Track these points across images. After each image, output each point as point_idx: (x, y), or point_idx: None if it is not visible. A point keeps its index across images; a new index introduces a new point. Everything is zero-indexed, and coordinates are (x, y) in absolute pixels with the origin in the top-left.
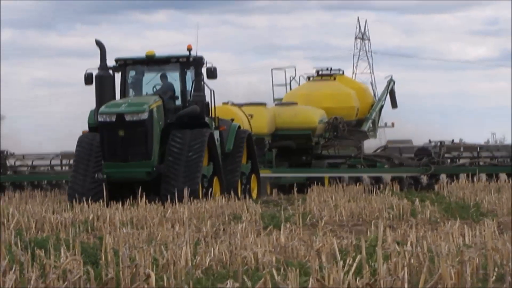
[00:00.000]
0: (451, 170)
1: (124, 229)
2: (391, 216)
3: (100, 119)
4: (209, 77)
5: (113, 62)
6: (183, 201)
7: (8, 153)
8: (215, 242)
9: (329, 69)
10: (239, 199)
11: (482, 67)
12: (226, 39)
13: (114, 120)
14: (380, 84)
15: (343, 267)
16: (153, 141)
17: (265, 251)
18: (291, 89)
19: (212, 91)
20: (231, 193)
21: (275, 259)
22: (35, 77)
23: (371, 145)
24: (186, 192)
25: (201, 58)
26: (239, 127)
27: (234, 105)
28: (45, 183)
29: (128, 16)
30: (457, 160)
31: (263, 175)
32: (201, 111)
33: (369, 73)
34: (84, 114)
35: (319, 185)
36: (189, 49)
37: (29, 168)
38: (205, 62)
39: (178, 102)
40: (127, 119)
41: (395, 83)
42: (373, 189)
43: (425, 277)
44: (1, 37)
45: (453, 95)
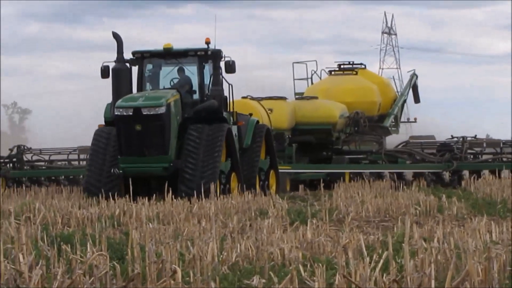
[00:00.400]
0: (473, 166)
1: (150, 224)
2: (418, 212)
3: (116, 113)
4: (228, 71)
5: (130, 55)
6: (208, 196)
7: (25, 147)
8: (242, 237)
9: (351, 63)
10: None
11: (509, 61)
12: (252, 33)
13: (131, 114)
14: (406, 79)
15: (370, 263)
16: (170, 136)
17: (292, 247)
18: (312, 83)
19: (230, 85)
20: (250, 189)
21: (302, 255)
22: (62, 70)
23: (394, 141)
24: (202, 188)
25: (219, 51)
26: (257, 122)
27: (253, 99)
28: (63, 178)
29: (155, 10)
30: (480, 156)
31: (283, 171)
32: (219, 105)
33: (396, 68)
34: (101, 108)
35: (339, 182)
36: (208, 43)
37: (47, 163)
38: (223, 55)
39: (195, 96)
40: (144, 113)
41: (417, 77)
42: (399, 185)
43: (452, 273)
44: (29, 30)
45: (480, 89)
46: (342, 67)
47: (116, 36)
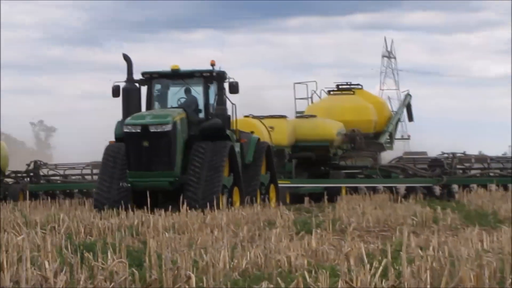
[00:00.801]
0: (462, 180)
1: (166, 234)
2: (415, 222)
3: (125, 130)
4: (231, 92)
5: (140, 75)
6: (213, 208)
7: (41, 163)
8: (251, 246)
9: (349, 83)
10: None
11: (503, 84)
12: (261, 57)
13: (139, 131)
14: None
15: (370, 270)
16: (176, 152)
17: (298, 255)
18: (312, 103)
19: (233, 105)
20: (252, 202)
21: (307, 262)
22: (83, 90)
23: (391, 156)
24: (206, 201)
25: (223, 73)
26: (258, 139)
27: (255, 117)
28: (77, 191)
29: (169, 35)
30: (469, 170)
31: (283, 185)
32: (222, 124)
33: (395, 89)
34: (112, 125)
35: (341, 195)
36: (213, 65)
37: (61, 177)
38: (227, 77)
39: (201, 115)
40: (151, 130)
41: (411, 97)
42: (396, 198)
43: (446, 280)
44: (52, 52)
45: (475, 110)
46: (340, 87)
47: (126, 57)
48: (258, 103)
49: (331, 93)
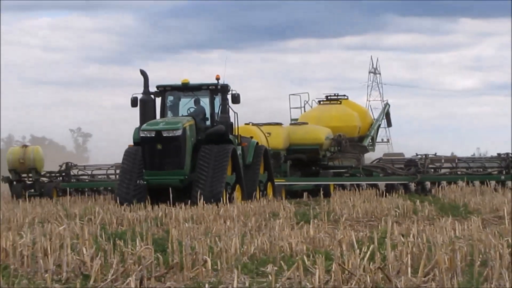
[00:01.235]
0: (434, 178)
1: (186, 224)
2: (397, 214)
3: (142, 135)
4: (234, 102)
5: (155, 88)
6: (218, 203)
7: (71, 164)
8: (258, 234)
9: (336, 94)
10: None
11: (469, 95)
12: (266, 73)
13: (153, 135)
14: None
15: (360, 254)
16: (186, 154)
17: (298, 242)
18: (305, 111)
19: (235, 114)
20: (252, 197)
21: (306, 248)
22: (114, 102)
23: (373, 157)
24: (211, 197)
25: (227, 86)
26: (257, 143)
27: (254, 125)
28: (102, 189)
29: (188, 55)
30: (439, 169)
31: (279, 183)
32: (226, 130)
33: (380, 100)
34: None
35: (335, 191)
36: (217, 79)
37: (89, 176)
38: (230, 89)
39: (208, 122)
40: (164, 135)
41: (390, 106)
42: (381, 193)
43: (424, 262)
44: (89, 70)
45: (446, 117)
46: (329, 97)
47: (143, 73)
48: (260, 112)
49: (321, 103)
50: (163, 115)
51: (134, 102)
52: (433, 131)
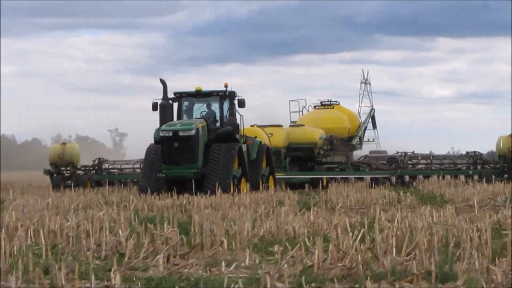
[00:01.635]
0: (411, 172)
1: (206, 210)
2: (384, 202)
3: (161, 135)
4: (240, 106)
5: (172, 95)
6: (227, 192)
7: (103, 159)
8: (267, 219)
9: (329, 100)
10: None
11: (445, 102)
12: (275, 82)
13: (171, 135)
14: (379, 113)
15: (352, 236)
16: (199, 151)
17: (300, 226)
18: (302, 115)
19: (241, 116)
20: (255, 188)
21: (307, 231)
22: (145, 107)
23: (361, 154)
24: (220, 187)
25: (233, 92)
26: (260, 142)
27: (258, 126)
28: (130, 181)
29: (208, 67)
30: (416, 165)
31: (279, 177)
32: (233, 130)
33: (370, 107)
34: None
35: (332, 182)
36: (226, 86)
37: (118, 170)
38: (236, 95)
39: (217, 124)
40: (180, 135)
41: (375, 111)
42: (371, 185)
43: (406, 244)
44: (124, 80)
45: (425, 121)
46: (323, 103)
47: (162, 81)
48: (266, 115)
49: (316, 107)
50: (179, 117)
51: (154, 106)
52: (414, 133)
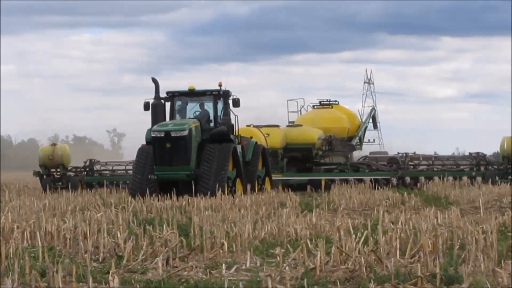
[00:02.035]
0: (412, 174)
1: (206, 212)
2: (388, 204)
3: (153, 135)
4: (234, 106)
5: (165, 94)
6: (221, 194)
7: (94, 160)
8: (268, 221)
9: (328, 100)
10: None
11: (447, 102)
12: (275, 82)
13: (163, 135)
14: (381, 113)
15: (355, 238)
16: (192, 152)
17: (302, 228)
18: (301, 114)
19: (236, 116)
20: (251, 190)
21: (309, 233)
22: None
23: (362, 155)
24: (216, 189)
25: (228, 91)
26: (256, 142)
27: (254, 126)
28: (122, 182)
29: (209, 67)
30: (418, 166)
31: (276, 178)
32: (227, 131)
33: (373, 107)
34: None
35: (335, 184)
36: (220, 85)
37: (110, 171)
38: (231, 94)
39: (211, 124)
40: (172, 135)
41: (376, 111)
42: (374, 186)
43: (410, 246)
44: (124, 79)
45: (429, 121)
46: (321, 103)
47: (154, 80)
48: (264, 115)
49: (315, 107)
50: (172, 117)
51: (146, 106)
52: (418, 133)
